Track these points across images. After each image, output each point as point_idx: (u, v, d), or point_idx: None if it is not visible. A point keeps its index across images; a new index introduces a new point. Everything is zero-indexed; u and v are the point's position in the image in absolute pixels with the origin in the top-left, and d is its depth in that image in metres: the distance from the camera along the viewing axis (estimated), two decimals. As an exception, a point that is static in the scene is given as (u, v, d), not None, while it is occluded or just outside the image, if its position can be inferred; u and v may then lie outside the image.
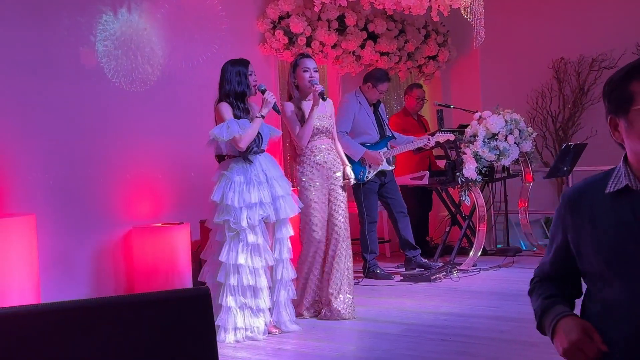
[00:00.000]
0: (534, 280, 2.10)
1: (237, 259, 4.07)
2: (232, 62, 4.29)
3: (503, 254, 6.73)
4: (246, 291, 4.12)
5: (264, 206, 4.15)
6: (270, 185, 4.20)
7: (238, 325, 4.09)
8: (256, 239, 4.13)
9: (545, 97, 7.99)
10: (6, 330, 1.83)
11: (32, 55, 4.96)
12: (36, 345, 1.78)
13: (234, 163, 4.19)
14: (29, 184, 4.93)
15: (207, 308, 1.87)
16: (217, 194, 4.14)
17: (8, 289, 4.29)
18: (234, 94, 4.21)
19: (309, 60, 4.63)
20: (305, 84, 4.57)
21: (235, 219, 4.08)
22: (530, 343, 3.77)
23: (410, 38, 7.37)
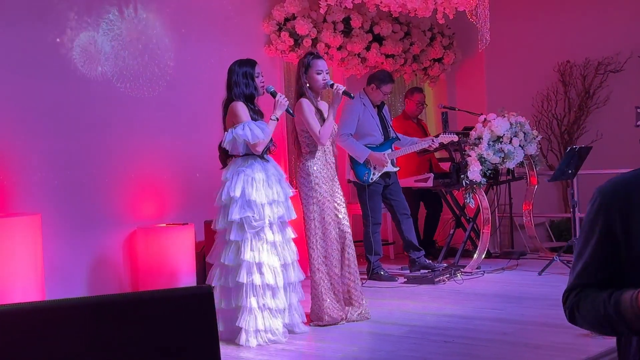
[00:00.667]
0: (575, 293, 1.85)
1: (260, 258, 4.02)
2: (239, 63, 4.26)
3: (507, 256, 6.72)
4: (266, 291, 4.06)
5: (280, 204, 4.15)
6: (281, 185, 4.22)
7: (259, 328, 4.00)
8: (274, 237, 4.11)
9: (550, 100, 7.98)
10: (11, 326, 1.84)
11: (39, 57, 4.99)
12: (39, 341, 1.80)
13: (253, 160, 4.16)
14: (34, 184, 4.96)
15: (209, 306, 1.87)
16: (237, 190, 4.04)
17: (13, 287, 4.31)
18: (243, 96, 4.20)
19: (321, 62, 4.56)
20: (318, 85, 4.54)
21: (259, 216, 4.03)
22: (534, 345, 3.78)
23: (416, 40, 7.38)
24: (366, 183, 5.84)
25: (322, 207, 4.47)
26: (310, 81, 4.53)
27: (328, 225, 4.47)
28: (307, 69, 4.53)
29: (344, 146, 5.93)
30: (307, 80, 4.53)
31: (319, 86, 4.54)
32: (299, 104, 4.52)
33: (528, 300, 4.96)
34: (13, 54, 4.86)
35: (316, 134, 4.47)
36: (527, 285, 5.52)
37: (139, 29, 5.58)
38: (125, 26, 5.49)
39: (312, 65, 4.53)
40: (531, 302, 4.87)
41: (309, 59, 4.56)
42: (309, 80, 4.53)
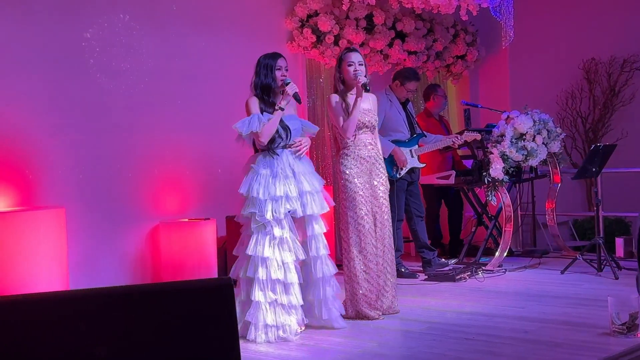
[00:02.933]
0: None
1: (263, 252, 4.04)
2: (265, 56, 4.29)
3: (529, 255, 6.68)
4: (275, 286, 4.04)
5: (290, 200, 4.13)
6: (297, 180, 4.19)
7: (268, 323, 4.01)
8: (282, 232, 4.10)
9: (575, 98, 7.90)
10: (35, 314, 1.88)
11: (65, 53, 5.05)
12: (63, 328, 1.83)
13: (262, 156, 4.18)
14: (59, 178, 5.02)
15: (229, 298, 1.90)
16: (244, 187, 4.12)
17: (38, 280, 4.38)
18: (260, 87, 4.22)
19: (355, 54, 4.58)
20: (349, 77, 4.55)
21: (260, 212, 4.06)
22: (555, 343, 3.75)
23: (439, 37, 7.35)
24: (394, 178, 5.84)
25: (355, 201, 4.48)
26: (343, 74, 4.58)
27: (361, 219, 4.47)
28: (340, 63, 4.60)
29: None
30: (340, 73, 4.59)
31: (350, 78, 4.55)
32: (327, 99, 4.62)
33: (549, 298, 4.93)
34: (39, 50, 4.93)
35: (340, 127, 4.52)
36: (549, 283, 5.48)
37: (163, 26, 5.62)
38: (150, 23, 5.53)
39: (345, 58, 4.59)
40: (553, 301, 4.84)
41: (343, 53, 4.65)
42: (341, 73, 4.59)
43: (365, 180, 4.53)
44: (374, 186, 4.57)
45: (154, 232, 5.50)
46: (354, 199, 4.48)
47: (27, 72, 4.87)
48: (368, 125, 4.59)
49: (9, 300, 2.08)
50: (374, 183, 4.58)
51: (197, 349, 1.92)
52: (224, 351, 1.91)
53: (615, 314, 3.80)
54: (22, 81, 4.85)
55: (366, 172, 4.54)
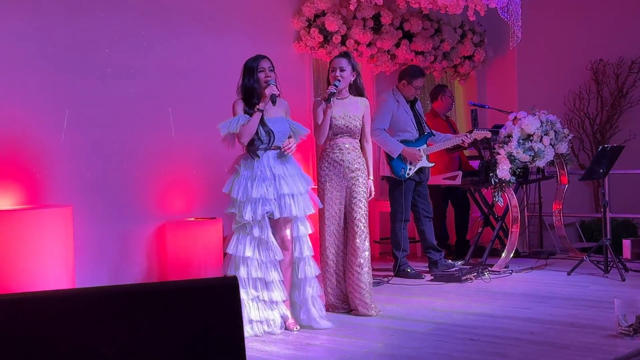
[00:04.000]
0: None
1: (244, 252, 4.15)
2: (249, 59, 4.37)
3: (536, 256, 6.66)
4: (257, 283, 4.17)
5: (267, 202, 4.18)
6: (276, 182, 4.22)
7: (253, 318, 4.13)
8: (261, 233, 4.18)
9: (582, 99, 7.88)
10: (42, 312, 1.89)
11: (72, 51, 5.06)
12: (69, 327, 1.83)
13: (244, 158, 4.29)
14: (66, 176, 5.04)
15: (235, 296, 1.90)
16: (227, 187, 4.25)
17: (45, 277, 4.40)
18: (244, 90, 4.30)
19: (337, 59, 4.72)
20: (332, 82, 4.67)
21: (240, 213, 4.16)
22: (562, 345, 3.74)
23: (446, 37, 7.33)
24: (403, 178, 5.83)
25: (326, 205, 4.67)
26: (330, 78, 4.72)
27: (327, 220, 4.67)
28: (329, 68, 4.75)
29: (377, 141, 5.95)
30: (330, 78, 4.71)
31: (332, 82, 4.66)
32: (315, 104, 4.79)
33: (556, 300, 4.91)
34: (47, 48, 4.94)
35: (313, 133, 4.71)
36: (555, 285, 5.47)
37: (170, 26, 5.63)
38: (157, 23, 5.54)
39: (331, 63, 4.76)
40: (559, 302, 4.83)
41: (332, 58, 4.81)
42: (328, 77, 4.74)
43: (337, 182, 4.65)
44: (349, 187, 4.67)
45: (160, 231, 5.51)
46: (325, 201, 4.67)
47: (35, 70, 4.89)
48: (346, 130, 4.64)
49: (15, 297, 2.09)
50: (350, 184, 4.67)
51: (203, 347, 1.92)
52: (229, 350, 1.91)
53: (622, 316, 3.78)
54: (30, 79, 4.87)
55: (338, 175, 4.66)
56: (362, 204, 4.67)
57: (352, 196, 4.68)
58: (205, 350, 1.87)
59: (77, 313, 1.90)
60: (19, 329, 1.91)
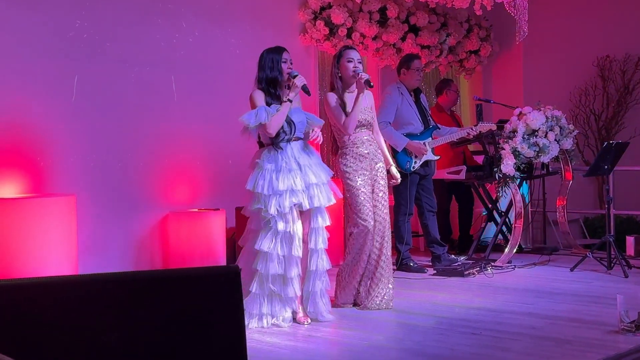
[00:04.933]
0: None
1: (265, 247, 4.09)
2: (269, 50, 4.30)
3: (539, 252, 6.65)
4: (276, 280, 4.12)
5: (295, 194, 4.14)
6: (303, 172, 4.19)
7: (264, 312, 4.12)
8: (286, 227, 4.12)
9: (588, 95, 7.86)
10: (43, 298, 1.89)
11: (77, 41, 5.06)
12: (71, 312, 1.84)
13: (266, 151, 4.20)
14: (70, 166, 5.05)
15: (236, 286, 1.90)
16: (250, 183, 4.16)
17: (47, 266, 4.41)
18: (266, 80, 4.22)
19: (353, 51, 4.59)
20: (348, 74, 4.54)
21: (265, 207, 4.09)
22: (563, 340, 3.73)
23: (452, 32, 7.31)
24: (408, 171, 5.82)
25: (356, 199, 4.50)
26: (341, 70, 4.58)
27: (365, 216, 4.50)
28: (339, 59, 4.58)
29: (382, 135, 5.93)
30: (339, 70, 4.58)
31: (349, 74, 4.54)
32: (325, 97, 4.60)
33: (559, 295, 4.90)
34: (52, 38, 4.94)
35: (341, 124, 4.52)
36: (558, 280, 5.46)
37: (176, 18, 5.62)
38: (164, 14, 5.53)
39: (344, 54, 4.58)
40: (562, 298, 4.82)
41: (341, 50, 4.64)
42: (340, 70, 4.58)
43: (367, 177, 4.55)
44: (374, 182, 4.59)
45: (164, 221, 5.52)
46: (357, 197, 4.50)
47: (40, 59, 4.89)
48: (364, 123, 4.60)
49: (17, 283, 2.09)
50: (375, 178, 4.60)
51: (204, 335, 1.93)
52: (230, 338, 1.91)
53: (624, 312, 3.78)
54: (34, 69, 4.87)
55: (365, 168, 4.56)
56: (386, 196, 4.65)
57: (377, 189, 4.60)
58: (206, 338, 1.87)
59: (78, 299, 1.90)
60: (21, 314, 1.91)
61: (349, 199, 4.54)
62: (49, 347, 1.90)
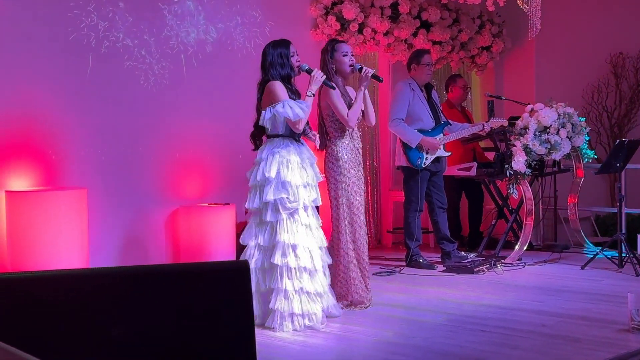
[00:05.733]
0: None
1: (294, 239, 3.99)
2: (273, 44, 4.25)
3: (550, 249, 6.62)
4: (303, 273, 4.01)
5: (313, 188, 4.15)
6: (314, 170, 4.21)
7: (295, 312, 3.96)
8: (308, 219, 4.09)
9: (601, 93, 7.81)
10: (53, 291, 1.90)
11: (88, 36, 5.08)
12: (81, 305, 1.85)
13: (288, 142, 4.14)
14: (82, 159, 5.07)
15: (245, 280, 1.90)
16: (272, 171, 4.01)
17: (59, 259, 4.43)
18: (280, 77, 4.17)
19: (346, 44, 4.66)
20: (345, 68, 4.56)
21: (294, 197, 4.01)
22: (573, 339, 3.72)
23: (464, 27, 7.28)
24: (419, 168, 5.80)
25: (350, 192, 4.50)
26: (338, 64, 4.59)
27: (356, 210, 4.52)
28: (333, 53, 4.59)
29: (395, 131, 5.93)
30: (334, 64, 4.58)
31: (346, 68, 4.58)
32: (325, 88, 4.52)
33: (569, 293, 4.89)
34: (64, 32, 4.96)
35: (344, 117, 4.50)
36: (569, 278, 5.44)
37: (187, 11, 5.62)
38: (174, 8, 5.54)
39: (337, 48, 4.60)
40: (572, 296, 4.80)
41: (332, 44, 4.65)
42: (335, 64, 4.59)
43: (356, 172, 4.57)
44: (359, 178, 4.60)
45: (174, 215, 5.54)
46: (349, 189, 4.50)
47: (51, 53, 4.91)
48: (359, 118, 4.61)
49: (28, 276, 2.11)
50: (360, 175, 4.61)
51: (214, 329, 1.93)
52: (239, 333, 1.92)
53: (635, 311, 3.76)
54: (46, 62, 4.89)
55: (357, 163, 4.57)
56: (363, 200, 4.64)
57: (363, 183, 4.64)
58: (215, 333, 1.88)
59: (88, 293, 1.91)
60: (32, 307, 1.92)
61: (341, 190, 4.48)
62: (59, 339, 1.91)
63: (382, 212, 7.27)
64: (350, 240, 4.50)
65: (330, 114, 4.56)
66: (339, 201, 4.49)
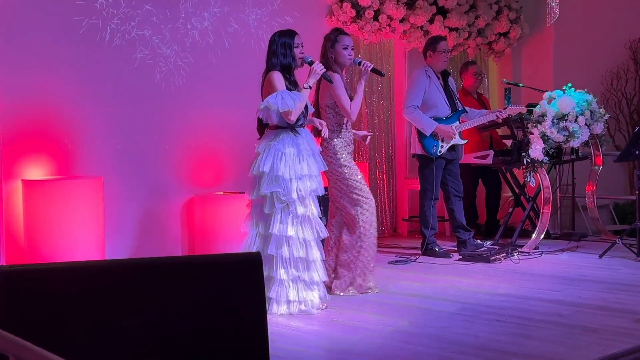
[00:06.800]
0: None
1: (287, 231, 4.06)
2: (280, 34, 4.27)
3: (567, 238, 6.56)
4: (298, 263, 4.09)
5: (312, 178, 4.15)
6: (315, 159, 4.20)
7: (290, 299, 4.06)
8: (305, 210, 4.12)
9: (620, 79, 7.71)
10: (69, 282, 1.91)
11: (105, 25, 5.08)
12: (97, 297, 1.86)
13: (284, 134, 4.16)
14: (98, 148, 5.09)
15: (258, 272, 1.90)
16: (266, 165, 4.08)
17: (76, 247, 4.47)
18: (280, 66, 4.19)
19: (348, 38, 4.65)
20: (344, 60, 4.61)
21: (286, 191, 4.05)
22: (591, 329, 3.69)
23: (481, 14, 7.19)
24: (434, 156, 5.76)
25: (356, 179, 4.56)
26: (337, 56, 4.61)
27: (366, 198, 4.56)
28: (334, 44, 4.61)
29: (410, 118, 5.90)
30: (334, 55, 4.60)
31: (345, 62, 4.62)
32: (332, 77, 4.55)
33: (587, 282, 4.84)
34: (81, 20, 4.96)
35: (347, 110, 4.54)
36: (586, 267, 5.39)
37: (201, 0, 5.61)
38: (188, -6, 5.53)
39: (339, 40, 4.61)
40: (590, 285, 4.76)
41: (335, 35, 4.65)
42: (335, 55, 4.61)
43: (351, 164, 4.62)
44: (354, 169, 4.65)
45: (189, 204, 5.55)
46: (357, 177, 4.56)
47: (67, 43, 4.92)
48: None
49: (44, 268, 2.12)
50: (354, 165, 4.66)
51: (226, 321, 1.93)
52: (252, 323, 1.92)
53: (654, 301, 3.72)
54: (62, 52, 4.90)
55: (349, 152, 4.63)
56: None
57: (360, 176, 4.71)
58: (228, 323, 1.88)
59: (103, 285, 1.92)
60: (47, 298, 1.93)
61: (348, 181, 4.53)
62: (73, 330, 1.92)
63: (397, 200, 7.24)
64: (370, 228, 4.57)
65: (330, 105, 4.58)
66: (347, 190, 4.55)
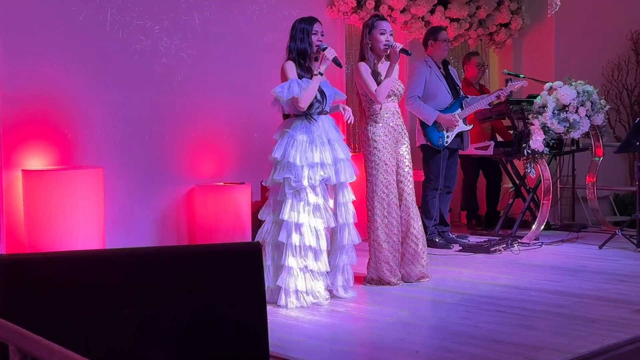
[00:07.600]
0: None
1: (298, 218, 4.04)
2: (301, 20, 4.28)
3: (567, 229, 6.57)
4: (307, 252, 4.06)
5: (325, 167, 4.13)
6: (331, 147, 4.19)
7: (299, 289, 4.03)
8: (316, 199, 4.11)
9: (621, 70, 7.69)
10: (70, 271, 1.91)
11: (104, 16, 5.06)
12: (97, 285, 1.86)
13: (299, 122, 4.16)
14: (98, 138, 5.08)
15: (258, 262, 1.90)
16: (279, 151, 4.11)
17: (76, 237, 4.47)
18: (296, 51, 4.20)
19: (385, 22, 4.59)
20: (380, 46, 4.53)
21: (297, 177, 4.05)
22: (590, 319, 3.70)
23: (482, 4, 7.17)
24: (441, 147, 5.75)
25: (380, 171, 4.50)
26: (373, 41, 4.57)
27: (387, 190, 4.51)
28: (371, 30, 4.57)
29: (411, 109, 5.89)
30: (370, 41, 4.57)
31: (381, 47, 4.53)
32: (356, 67, 4.59)
33: (586, 273, 4.85)
34: (80, 10, 4.95)
35: (372, 93, 4.49)
36: (586, 258, 5.40)
37: (202, -12, 5.59)
38: (188, -16, 5.51)
39: (376, 25, 4.56)
40: (589, 276, 4.77)
41: (373, 20, 4.61)
42: (371, 41, 4.57)
43: (392, 150, 4.55)
44: (400, 155, 4.58)
45: (190, 194, 5.55)
46: (380, 168, 4.51)
47: (68, 32, 4.90)
48: (396, 93, 4.61)
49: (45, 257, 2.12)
50: (400, 152, 4.59)
51: (226, 310, 1.94)
52: (251, 312, 1.92)
53: (654, 292, 3.72)
54: (62, 41, 4.89)
55: (393, 141, 4.56)
56: (411, 172, 4.67)
57: (403, 163, 4.61)
58: (228, 313, 1.88)
59: (104, 274, 1.92)
60: (48, 287, 1.94)
61: (372, 170, 4.52)
62: (74, 319, 1.92)
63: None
64: (380, 219, 4.51)
65: (364, 94, 4.57)
66: (370, 180, 4.53)
